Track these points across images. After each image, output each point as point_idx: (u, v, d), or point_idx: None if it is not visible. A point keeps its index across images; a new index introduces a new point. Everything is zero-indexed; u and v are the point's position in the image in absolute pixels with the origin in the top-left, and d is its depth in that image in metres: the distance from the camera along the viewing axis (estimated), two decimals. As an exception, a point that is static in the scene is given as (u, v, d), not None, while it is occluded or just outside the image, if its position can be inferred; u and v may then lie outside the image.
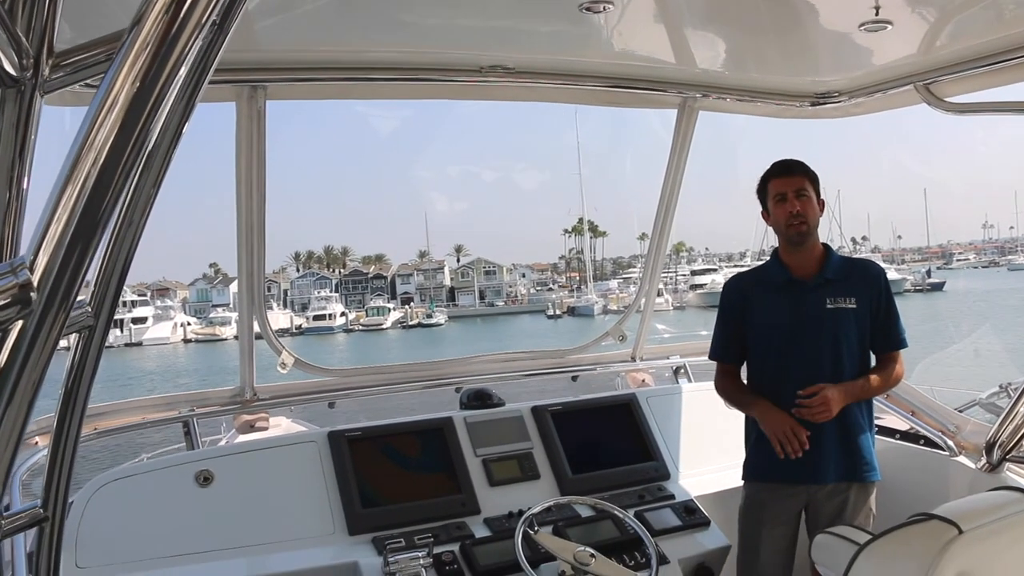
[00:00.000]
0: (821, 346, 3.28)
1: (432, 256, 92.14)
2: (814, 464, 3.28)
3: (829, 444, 3.28)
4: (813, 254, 3.37)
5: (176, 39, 1.14)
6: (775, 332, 3.36)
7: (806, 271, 3.37)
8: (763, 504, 3.43)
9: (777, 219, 3.34)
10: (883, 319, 3.37)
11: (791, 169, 3.34)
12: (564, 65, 3.65)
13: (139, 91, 1.13)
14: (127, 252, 1.37)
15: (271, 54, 3.28)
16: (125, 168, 1.16)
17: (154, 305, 66.71)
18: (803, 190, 3.29)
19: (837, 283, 3.33)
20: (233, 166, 3.63)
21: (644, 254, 5.30)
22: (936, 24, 3.09)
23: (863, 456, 3.32)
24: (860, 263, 3.56)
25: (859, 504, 3.33)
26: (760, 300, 3.44)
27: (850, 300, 3.31)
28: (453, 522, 3.48)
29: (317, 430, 3.81)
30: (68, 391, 1.51)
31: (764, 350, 3.41)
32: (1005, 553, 2.05)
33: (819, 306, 3.30)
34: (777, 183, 3.33)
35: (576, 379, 4.88)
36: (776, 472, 3.36)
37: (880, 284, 3.39)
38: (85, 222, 1.14)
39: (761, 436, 3.38)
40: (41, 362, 1.17)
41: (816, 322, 3.30)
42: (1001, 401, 4.13)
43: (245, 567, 3.22)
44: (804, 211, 3.28)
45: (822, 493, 3.33)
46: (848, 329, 3.29)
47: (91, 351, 1.46)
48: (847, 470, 3.31)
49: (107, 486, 3.29)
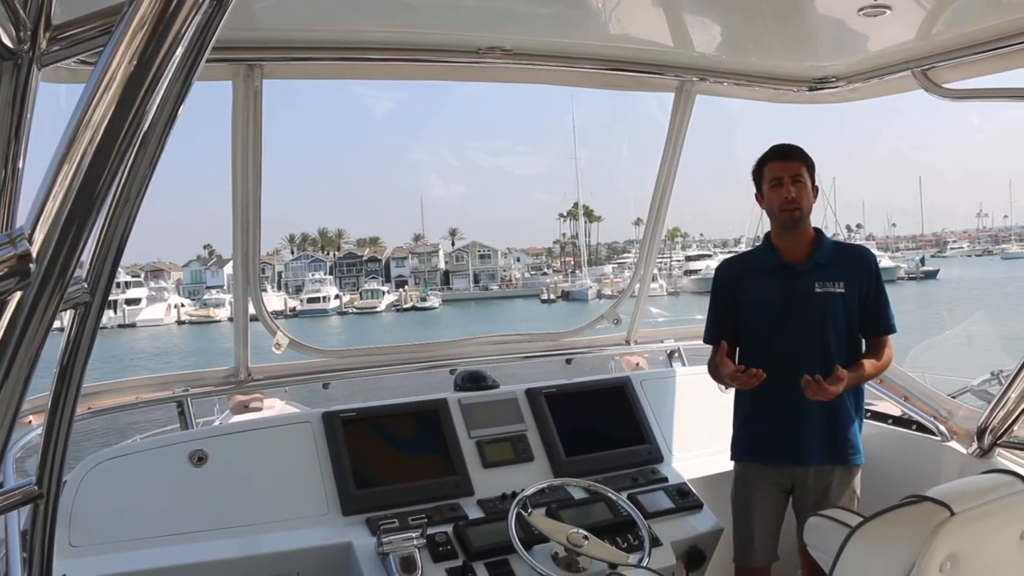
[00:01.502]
0: (809, 329, 3.31)
1: (427, 239, 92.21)
2: (798, 446, 3.34)
3: (814, 427, 3.32)
4: (805, 239, 3.40)
5: (174, 15, 1.13)
6: (765, 314, 3.39)
7: (797, 255, 3.39)
8: (751, 483, 3.48)
9: (771, 203, 3.36)
10: (873, 304, 3.39)
11: (789, 154, 3.35)
12: (562, 47, 3.63)
13: (136, 68, 1.13)
14: (123, 230, 1.37)
15: (269, 33, 3.26)
16: (122, 146, 1.16)
17: (148, 286, 66.57)
18: (799, 176, 3.31)
19: (827, 267, 3.35)
20: (229, 146, 3.62)
21: (639, 239, 5.30)
22: (934, 10, 3.09)
23: (848, 440, 3.36)
24: (851, 248, 3.59)
25: (843, 487, 3.37)
26: (751, 283, 3.47)
27: (839, 284, 3.33)
28: (447, 503, 3.49)
29: (311, 411, 3.81)
30: (64, 367, 1.52)
31: (754, 332, 3.44)
32: (996, 535, 2.07)
33: (808, 290, 3.33)
34: (774, 167, 3.34)
35: (570, 362, 4.89)
36: (762, 453, 3.44)
37: (870, 269, 3.42)
38: (82, 199, 1.14)
39: (747, 416, 3.46)
40: (39, 336, 1.17)
41: (804, 305, 3.33)
42: (993, 388, 4.15)
43: (238, 547, 3.23)
44: (799, 197, 3.30)
45: (807, 475, 3.38)
46: (836, 313, 3.32)
47: (87, 327, 1.46)
48: (832, 453, 3.35)
49: (101, 465, 3.29)
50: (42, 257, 1.12)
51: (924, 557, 1.91)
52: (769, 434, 3.41)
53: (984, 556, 2.03)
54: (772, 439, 3.39)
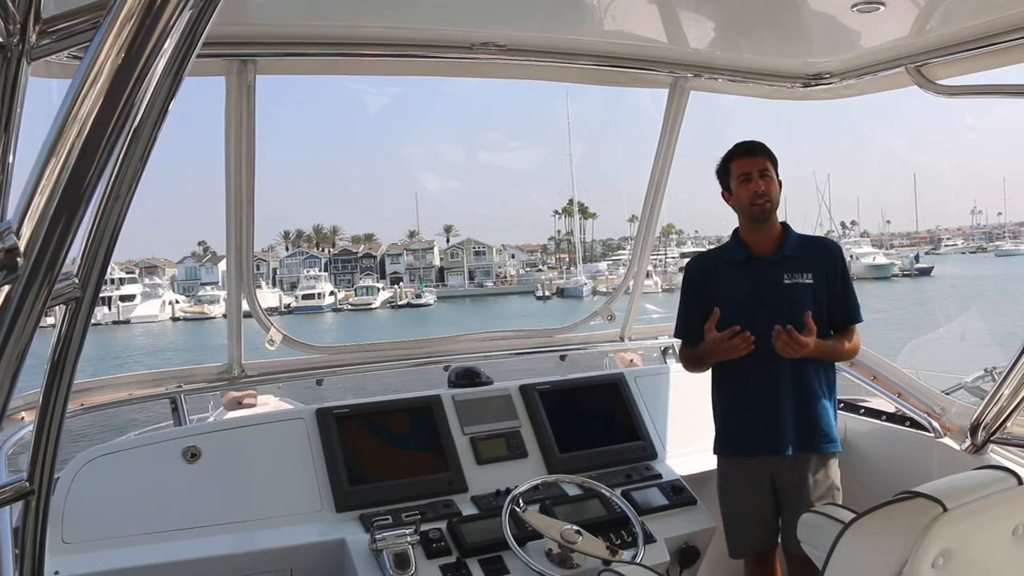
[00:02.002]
0: (779, 319, 3.35)
1: (422, 236, 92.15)
2: (772, 435, 3.40)
3: (786, 414, 3.38)
4: (772, 232, 3.49)
5: (163, 8, 1.12)
6: (736, 306, 3.44)
7: (765, 248, 3.48)
8: (733, 475, 3.54)
9: (740, 198, 3.44)
10: (841, 295, 3.49)
11: (754, 150, 3.45)
12: (556, 43, 3.62)
13: (124, 62, 1.12)
14: (115, 225, 1.36)
15: (262, 27, 3.25)
16: (110, 140, 1.15)
17: (142, 283, 66.46)
18: (766, 170, 3.42)
19: (794, 259, 3.45)
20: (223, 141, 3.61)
21: (633, 236, 5.30)
22: (928, 6, 3.09)
23: (821, 427, 3.42)
24: (818, 241, 3.65)
25: (819, 477, 3.40)
26: (721, 277, 3.54)
27: (807, 276, 3.42)
28: (440, 500, 3.49)
29: (305, 407, 3.80)
30: (55, 363, 1.51)
31: (726, 323, 3.47)
32: (988, 530, 2.07)
33: (777, 281, 3.41)
34: (741, 163, 3.44)
35: (564, 358, 4.88)
36: (740, 445, 3.50)
37: (836, 260, 3.53)
38: (70, 193, 1.13)
39: (726, 411, 3.54)
40: (27, 331, 1.16)
41: (774, 296, 3.40)
42: (986, 384, 4.17)
43: (232, 543, 3.22)
44: (768, 190, 3.40)
45: (783, 465, 3.42)
46: (805, 303, 3.38)
47: (78, 323, 1.45)
48: (805, 441, 3.40)
49: (94, 462, 3.28)
50: (30, 251, 1.11)
51: (917, 553, 1.91)
52: (746, 426, 3.47)
53: (977, 551, 2.03)
54: (749, 430, 3.45)
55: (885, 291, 22.75)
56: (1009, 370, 3.41)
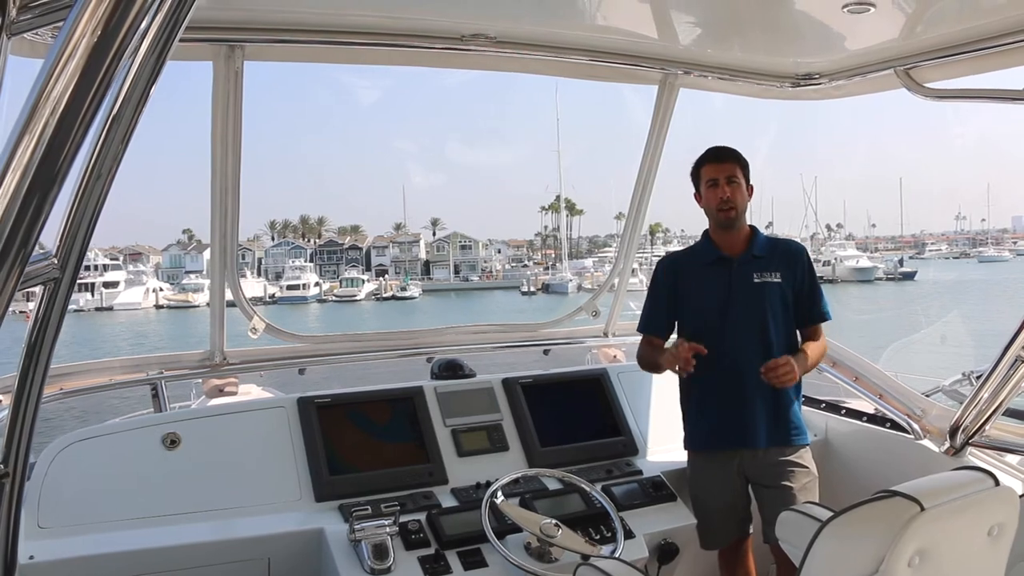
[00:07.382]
0: (750, 316, 3.46)
1: (408, 229, 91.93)
2: (744, 430, 3.46)
3: (758, 411, 3.45)
4: (741, 235, 3.58)
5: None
6: (707, 305, 3.53)
7: (734, 249, 3.55)
8: (705, 470, 3.59)
9: (708, 203, 3.53)
10: (807, 293, 3.56)
11: (723, 156, 3.52)
12: (546, 36, 3.62)
13: (100, 39, 1.10)
14: (95, 206, 1.35)
15: (251, 13, 3.22)
16: (85, 119, 1.13)
17: (126, 269, 66.03)
18: (734, 177, 3.48)
19: (763, 259, 3.53)
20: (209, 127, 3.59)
21: (620, 233, 5.30)
22: (918, 9, 3.10)
23: (791, 421, 3.51)
24: (784, 243, 3.74)
25: (794, 467, 3.47)
26: (692, 276, 3.62)
27: (775, 275, 3.51)
28: (420, 491, 3.49)
29: (286, 396, 3.79)
30: (32, 344, 1.49)
31: (697, 322, 3.55)
32: (965, 530, 2.08)
33: (747, 280, 3.49)
34: (709, 169, 3.52)
35: (548, 353, 4.89)
36: (711, 440, 3.56)
37: (802, 261, 3.60)
38: (43, 172, 1.12)
39: (695, 407, 3.59)
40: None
41: (744, 295, 3.48)
42: (964, 388, 4.19)
43: (210, 531, 3.21)
44: (733, 197, 3.47)
45: (755, 458, 3.48)
46: (774, 301, 3.48)
47: (56, 303, 1.44)
48: (776, 435, 3.47)
49: (71, 447, 3.26)
50: (1, 229, 1.10)
51: (893, 551, 1.92)
52: (716, 421, 3.52)
53: (953, 551, 2.04)
54: (720, 427, 3.51)
55: (869, 294, 22.83)
56: (988, 374, 3.44)
